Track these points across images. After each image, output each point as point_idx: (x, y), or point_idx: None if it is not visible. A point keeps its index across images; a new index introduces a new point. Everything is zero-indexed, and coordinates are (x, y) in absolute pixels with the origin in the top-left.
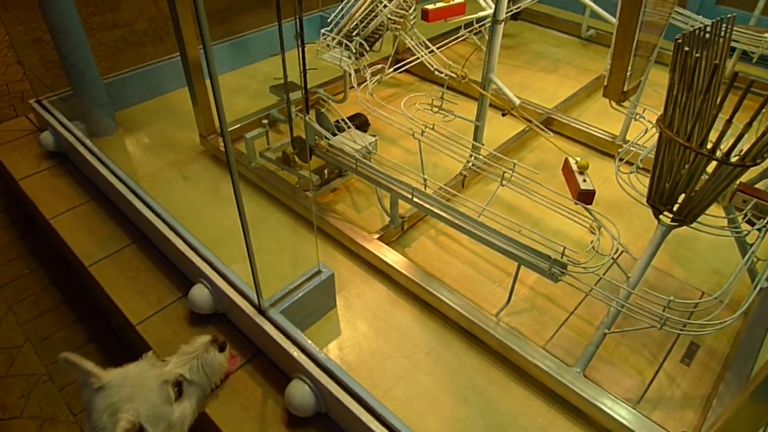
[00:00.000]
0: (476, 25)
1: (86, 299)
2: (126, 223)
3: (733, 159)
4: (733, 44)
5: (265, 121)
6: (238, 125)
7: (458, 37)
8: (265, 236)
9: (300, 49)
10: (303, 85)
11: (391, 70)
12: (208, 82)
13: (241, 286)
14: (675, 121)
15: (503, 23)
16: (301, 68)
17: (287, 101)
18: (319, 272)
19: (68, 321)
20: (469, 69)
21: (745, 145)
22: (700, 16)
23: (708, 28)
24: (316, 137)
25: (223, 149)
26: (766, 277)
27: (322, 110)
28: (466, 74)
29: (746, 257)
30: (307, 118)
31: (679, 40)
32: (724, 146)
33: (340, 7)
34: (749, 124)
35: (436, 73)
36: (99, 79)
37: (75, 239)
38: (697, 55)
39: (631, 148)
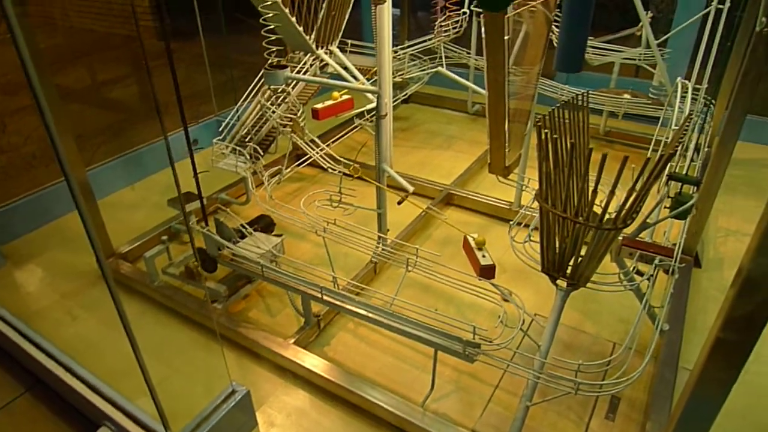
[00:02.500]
0: (368, 116)
1: None
2: (17, 369)
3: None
4: (599, 107)
5: (164, 237)
6: (138, 243)
7: (352, 129)
8: (175, 358)
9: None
10: (198, 195)
11: (289, 170)
12: (101, 201)
13: (150, 423)
14: (550, 194)
15: (386, 116)
16: (195, 177)
17: (184, 214)
18: (233, 392)
19: None
20: (368, 154)
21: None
22: (567, 86)
23: (567, 107)
24: (219, 247)
25: (124, 272)
26: (665, 319)
27: (222, 219)
28: (359, 168)
29: (642, 305)
30: (205, 230)
31: (539, 123)
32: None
33: (230, 116)
34: (612, 192)
35: (330, 170)
36: None
37: None
38: (556, 135)
39: (527, 212)
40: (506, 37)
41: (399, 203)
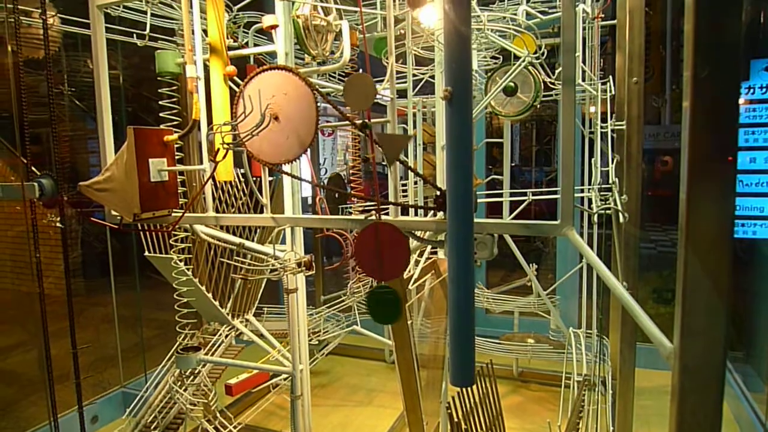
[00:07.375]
0: (284, 382)
1: None
2: None
3: None
4: (508, 354)
5: None
6: None
7: (268, 395)
8: None
9: None
10: None
11: None
12: None
13: None
14: None
15: (302, 396)
16: None
17: None
18: None
19: None
20: (286, 419)
21: None
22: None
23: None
24: None
25: None
26: None
27: None
28: None
29: None
30: None
31: (449, 410)
32: None
33: (136, 400)
34: None
35: None
36: None
37: None
38: (466, 427)
39: None
40: (409, 322)
41: None
